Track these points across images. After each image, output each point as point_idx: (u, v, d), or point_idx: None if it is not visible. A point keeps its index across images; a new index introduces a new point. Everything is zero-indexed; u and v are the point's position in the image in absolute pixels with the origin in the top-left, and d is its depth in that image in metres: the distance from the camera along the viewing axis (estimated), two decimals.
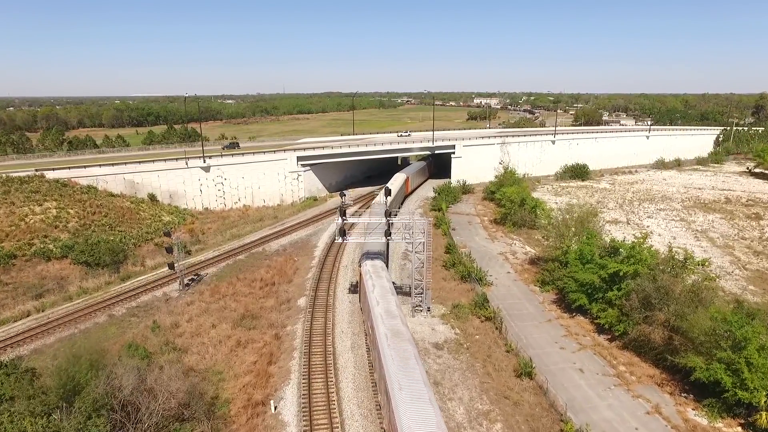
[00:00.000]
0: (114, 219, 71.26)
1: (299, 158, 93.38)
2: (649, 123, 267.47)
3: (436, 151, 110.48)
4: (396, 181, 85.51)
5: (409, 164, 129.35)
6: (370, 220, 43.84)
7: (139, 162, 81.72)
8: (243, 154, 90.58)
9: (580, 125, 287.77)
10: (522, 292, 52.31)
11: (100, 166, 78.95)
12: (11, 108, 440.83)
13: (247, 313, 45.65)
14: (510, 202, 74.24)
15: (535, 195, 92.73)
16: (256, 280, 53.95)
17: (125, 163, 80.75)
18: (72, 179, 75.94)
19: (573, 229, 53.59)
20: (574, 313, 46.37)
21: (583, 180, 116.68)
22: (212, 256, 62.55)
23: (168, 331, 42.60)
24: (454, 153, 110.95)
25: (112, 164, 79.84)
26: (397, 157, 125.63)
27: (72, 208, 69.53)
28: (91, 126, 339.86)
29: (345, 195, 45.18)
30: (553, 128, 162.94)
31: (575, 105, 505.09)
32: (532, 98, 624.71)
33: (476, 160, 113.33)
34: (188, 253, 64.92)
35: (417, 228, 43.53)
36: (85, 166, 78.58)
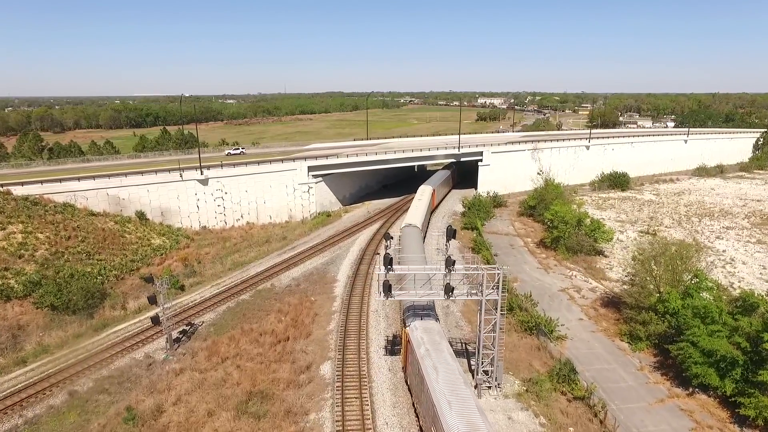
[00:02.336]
0: (93, 244, 59.65)
1: (310, 168, 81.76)
2: (668, 125, 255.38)
3: (462, 159, 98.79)
4: (424, 196, 73.86)
5: (426, 171, 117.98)
6: (425, 271, 32.15)
7: (126, 174, 70.05)
8: (246, 163, 78.91)
9: (594, 127, 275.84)
10: (608, 351, 40.61)
11: (79, 179, 67.36)
12: (10, 108, 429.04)
13: (255, 389, 34.01)
14: (563, 223, 62.51)
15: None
16: (266, 333, 42.27)
17: (109, 176, 69.08)
18: (45, 196, 64.37)
19: (670, 268, 41.82)
20: (692, 389, 34.66)
21: (623, 190, 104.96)
22: (210, 296, 50.87)
23: (147, 421, 30.93)
24: (481, 160, 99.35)
25: (94, 177, 68.19)
26: (414, 165, 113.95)
27: (42, 232, 57.93)
28: (88, 127, 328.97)
29: (392, 239, 33.37)
30: (579, 132, 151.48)
31: (583, 105, 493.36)
32: (538, 98, 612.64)
33: (506, 167, 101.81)
34: (181, 289, 53.43)
35: (484, 278, 31.85)
36: (61, 180, 67.00)
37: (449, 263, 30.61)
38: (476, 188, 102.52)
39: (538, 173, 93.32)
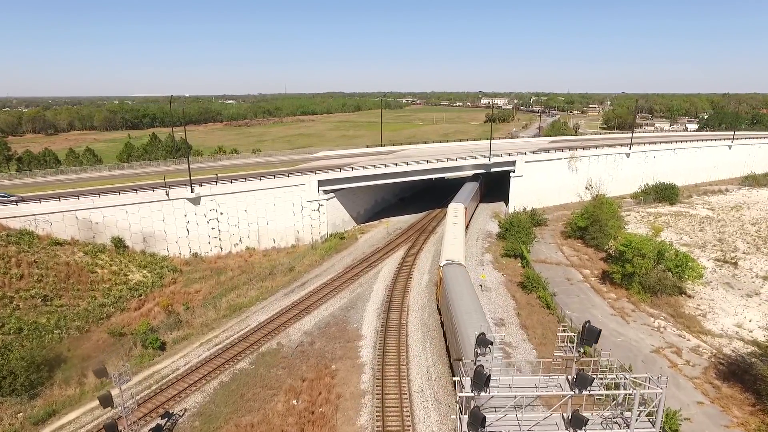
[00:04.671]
0: (53, 285, 47.49)
1: (320, 182, 69.59)
2: (687, 127, 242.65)
3: (493, 169, 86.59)
4: (458, 217, 61.74)
5: (444, 181, 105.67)
6: (539, 392, 19.94)
7: (99, 194, 57.85)
8: (246, 178, 66.75)
9: (608, 129, 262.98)
10: None
11: (40, 200, 55.19)
12: (7, 109, 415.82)
13: None
14: (639, 256, 50.23)
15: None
16: (272, 431, 30.06)
17: (78, 195, 56.88)
18: None
19: None
20: None
21: (672, 203, 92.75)
22: (197, 362, 38.65)
23: None
24: (513, 171, 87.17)
25: (59, 197, 55.98)
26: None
27: None
28: (82, 129, 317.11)
29: (490, 344, 20.52)
30: (613, 136, 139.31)
31: (591, 105, 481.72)
32: (543, 98, 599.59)
33: (540, 178, 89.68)
34: (161, 348, 41.28)
35: (636, 398, 19.59)
36: (17, 201, 54.85)
37: (585, 382, 18.33)
38: (506, 202, 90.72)
39: (586, 188, 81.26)
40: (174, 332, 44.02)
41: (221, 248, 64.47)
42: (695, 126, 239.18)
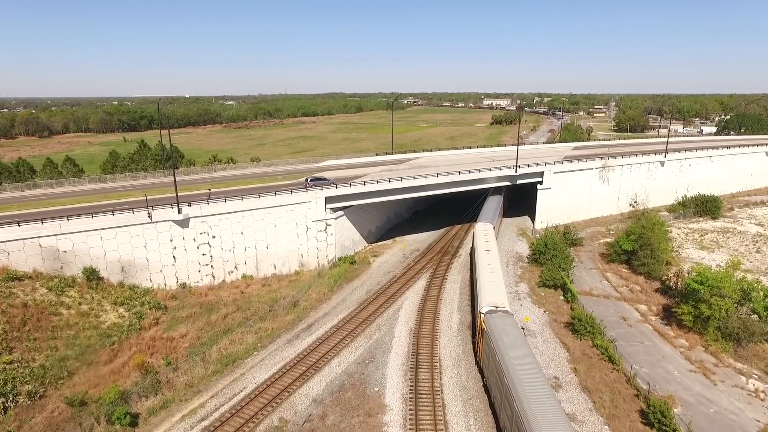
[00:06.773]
0: (3, 335, 38.59)
1: (328, 199, 60.78)
2: (702, 129, 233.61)
3: (519, 181, 77.65)
4: (490, 243, 52.87)
5: (462, 191, 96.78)
6: None
7: (67, 217, 48.86)
8: (242, 195, 57.81)
9: (620, 131, 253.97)
10: None
11: None
12: (5, 110, 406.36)
13: None
14: (718, 296, 41.36)
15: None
16: None
17: (42, 220, 47.91)
18: None
19: None
20: None
21: (714, 218, 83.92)
22: None
23: None
24: (541, 183, 78.27)
25: (19, 222, 46.96)
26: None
27: None
28: (77, 131, 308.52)
29: None
30: (644, 141, 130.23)
31: (596, 107, 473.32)
32: (547, 99, 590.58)
33: (570, 191, 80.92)
34: (132, 423, 32.41)
35: None
36: None
37: None
38: (531, 216, 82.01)
39: (630, 205, 72.35)
40: (150, 398, 35.21)
41: (213, 277, 55.59)
42: (710, 129, 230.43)
